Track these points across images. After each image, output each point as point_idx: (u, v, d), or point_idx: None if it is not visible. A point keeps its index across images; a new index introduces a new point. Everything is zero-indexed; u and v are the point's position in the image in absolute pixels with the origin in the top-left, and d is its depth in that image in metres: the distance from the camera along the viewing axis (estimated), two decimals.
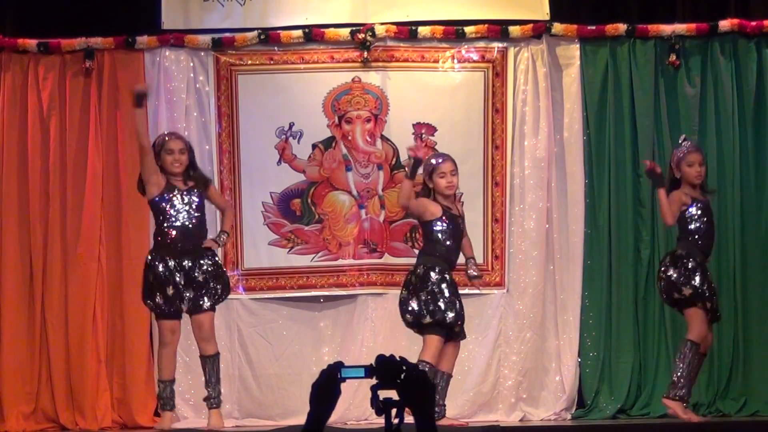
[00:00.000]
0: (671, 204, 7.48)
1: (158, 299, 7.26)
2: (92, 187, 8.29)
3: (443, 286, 7.23)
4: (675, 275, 7.43)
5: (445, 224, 7.33)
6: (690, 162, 7.51)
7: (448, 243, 7.34)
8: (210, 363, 7.41)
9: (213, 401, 7.41)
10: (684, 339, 7.45)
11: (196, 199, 7.34)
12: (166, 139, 7.39)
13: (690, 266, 7.41)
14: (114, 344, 8.29)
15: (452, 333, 7.31)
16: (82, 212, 8.27)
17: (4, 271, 8.26)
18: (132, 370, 8.22)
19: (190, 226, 7.30)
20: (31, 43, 8.35)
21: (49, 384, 8.22)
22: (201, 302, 7.31)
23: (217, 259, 7.46)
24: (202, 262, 7.33)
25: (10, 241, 8.28)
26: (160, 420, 7.51)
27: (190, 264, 7.28)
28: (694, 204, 7.49)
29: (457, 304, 7.26)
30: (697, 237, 7.48)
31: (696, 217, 7.48)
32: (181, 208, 7.29)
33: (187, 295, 7.27)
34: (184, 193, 7.31)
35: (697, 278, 7.39)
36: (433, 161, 7.43)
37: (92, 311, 8.24)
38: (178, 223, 7.28)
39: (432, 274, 7.24)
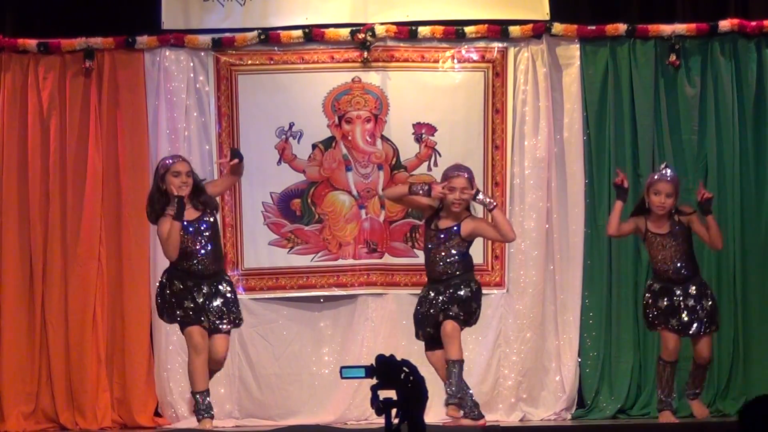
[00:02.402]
0: (625, 222, 7.48)
1: (183, 310, 7.15)
2: (92, 187, 8.29)
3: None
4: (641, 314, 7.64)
5: (429, 235, 7.35)
6: (657, 190, 7.40)
7: (429, 254, 7.38)
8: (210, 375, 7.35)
9: (203, 412, 7.25)
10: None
11: (206, 225, 7.21)
12: (170, 162, 7.23)
13: (645, 297, 7.55)
14: (114, 344, 8.29)
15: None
16: (82, 212, 8.27)
17: (4, 271, 8.26)
18: (132, 370, 8.22)
19: (204, 252, 7.18)
20: (31, 43, 8.35)
21: (49, 384, 8.22)
22: (220, 324, 7.22)
23: (233, 288, 7.38)
24: (221, 288, 7.24)
25: (10, 241, 8.27)
26: (205, 425, 7.25)
27: (207, 290, 7.19)
28: (652, 236, 7.43)
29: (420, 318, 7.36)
30: (657, 264, 7.47)
31: (651, 246, 7.47)
32: (192, 237, 7.15)
33: (209, 314, 7.18)
34: (194, 222, 7.18)
35: (653, 309, 7.48)
36: (449, 172, 7.42)
37: (92, 311, 8.24)
38: (192, 252, 7.16)
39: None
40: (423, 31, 8.37)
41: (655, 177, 7.50)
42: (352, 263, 8.38)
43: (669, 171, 7.55)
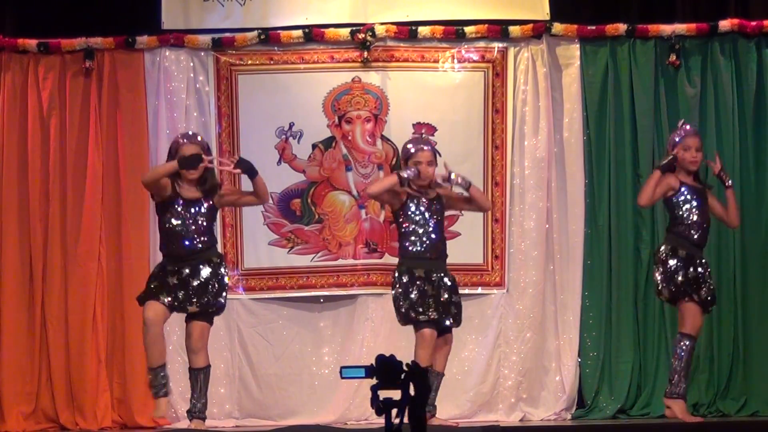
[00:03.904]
0: (657, 186, 7.34)
1: (148, 286, 6.97)
2: (92, 187, 8.29)
3: (409, 284, 7.13)
4: (658, 276, 7.35)
5: (412, 212, 7.17)
6: (686, 146, 7.40)
7: (420, 230, 7.17)
8: (195, 375, 7.07)
9: (194, 414, 7.07)
10: (678, 333, 7.39)
11: (202, 209, 7.04)
12: (182, 142, 7.07)
13: (670, 264, 7.29)
14: (114, 344, 8.29)
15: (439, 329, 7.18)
16: (82, 212, 8.28)
17: (4, 271, 8.26)
18: (132, 370, 8.21)
19: (192, 236, 6.99)
20: (31, 43, 8.35)
21: (49, 384, 8.23)
22: (189, 306, 6.98)
23: (220, 271, 7.08)
24: (201, 269, 7.01)
25: (10, 241, 8.28)
26: (155, 408, 7.14)
27: (188, 271, 6.99)
28: (685, 190, 7.39)
29: (429, 300, 7.08)
30: (684, 226, 7.35)
31: (684, 203, 7.36)
32: (184, 218, 6.99)
33: (179, 294, 6.96)
34: (190, 202, 7.01)
35: (679, 276, 7.28)
36: (412, 147, 7.28)
37: (92, 311, 8.24)
38: (177, 233, 6.98)
39: (398, 274, 7.17)
40: (423, 31, 8.38)
41: (681, 134, 7.44)
42: (352, 263, 8.39)
43: (689, 126, 7.55)
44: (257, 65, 8.42)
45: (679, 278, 7.29)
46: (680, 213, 7.37)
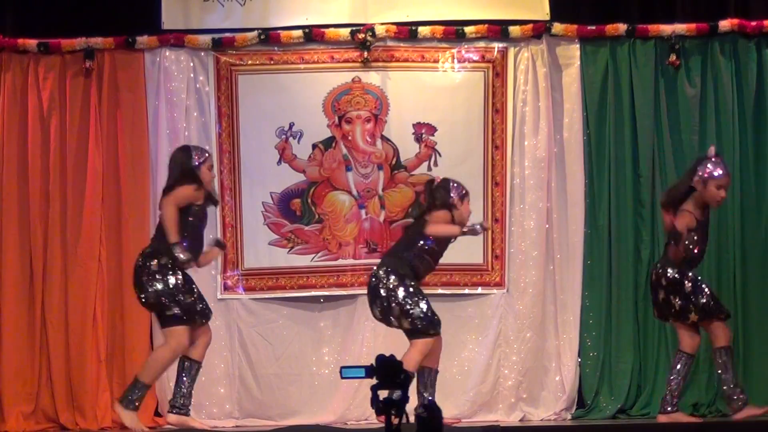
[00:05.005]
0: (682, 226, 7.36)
1: (179, 306, 7.14)
2: (92, 187, 8.29)
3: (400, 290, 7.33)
4: (679, 302, 7.36)
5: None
6: (720, 185, 7.35)
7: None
8: (196, 369, 7.35)
9: (182, 408, 7.32)
10: (716, 349, 7.42)
11: (205, 221, 7.38)
12: (207, 155, 7.40)
13: (687, 287, 7.33)
14: (114, 344, 8.29)
15: None
16: (82, 212, 8.28)
17: (4, 271, 8.26)
18: (132, 370, 8.18)
19: (196, 243, 7.31)
20: (31, 43, 8.36)
21: (49, 384, 8.23)
22: (210, 314, 7.37)
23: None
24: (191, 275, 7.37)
25: (10, 241, 8.28)
26: (125, 417, 7.26)
27: (189, 275, 7.31)
28: (698, 227, 7.41)
29: (413, 307, 7.30)
30: (696, 251, 7.41)
31: (693, 237, 7.40)
32: (198, 223, 7.28)
33: (200, 305, 7.31)
34: (202, 214, 7.33)
35: (703, 297, 7.34)
36: (461, 191, 7.50)
37: (92, 311, 8.24)
38: (195, 236, 7.29)
39: (391, 278, 7.35)
40: (423, 31, 8.38)
41: (717, 170, 7.39)
42: (352, 263, 8.39)
43: (721, 160, 7.50)
44: (257, 65, 8.43)
45: (704, 299, 7.33)
46: (696, 242, 7.38)
